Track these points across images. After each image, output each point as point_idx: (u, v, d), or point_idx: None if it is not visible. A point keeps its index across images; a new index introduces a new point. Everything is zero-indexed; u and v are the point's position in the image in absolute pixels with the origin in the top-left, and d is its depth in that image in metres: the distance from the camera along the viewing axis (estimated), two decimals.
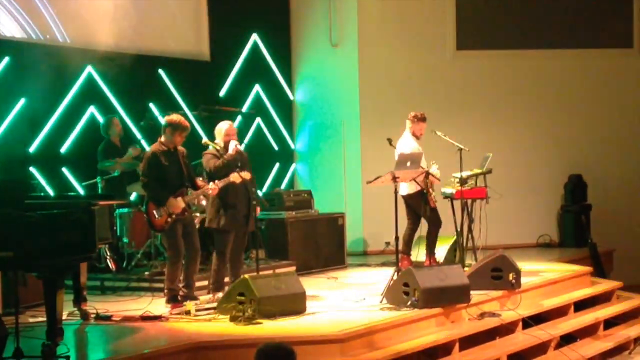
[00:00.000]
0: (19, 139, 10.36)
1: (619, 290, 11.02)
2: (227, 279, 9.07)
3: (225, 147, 8.97)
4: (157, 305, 8.70)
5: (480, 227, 10.32)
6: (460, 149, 10.13)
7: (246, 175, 8.83)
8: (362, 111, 13.74)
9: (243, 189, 8.94)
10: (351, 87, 13.80)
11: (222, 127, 9.09)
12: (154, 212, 8.50)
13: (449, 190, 10.50)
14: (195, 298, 8.68)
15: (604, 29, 14.21)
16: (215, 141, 9.08)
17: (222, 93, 13.02)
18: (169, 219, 8.48)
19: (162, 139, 8.66)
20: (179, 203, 8.52)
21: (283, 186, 13.76)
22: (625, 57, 14.23)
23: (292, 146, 14.28)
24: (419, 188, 10.15)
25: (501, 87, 14.00)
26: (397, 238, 9.22)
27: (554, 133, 14.06)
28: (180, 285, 8.68)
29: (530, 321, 8.95)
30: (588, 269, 11.16)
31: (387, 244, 12.70)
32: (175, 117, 8.73)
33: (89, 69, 11.13)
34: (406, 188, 10.21)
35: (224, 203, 8.88)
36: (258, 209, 9.25)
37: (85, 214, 7.04)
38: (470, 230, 10.41)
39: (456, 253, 10.65)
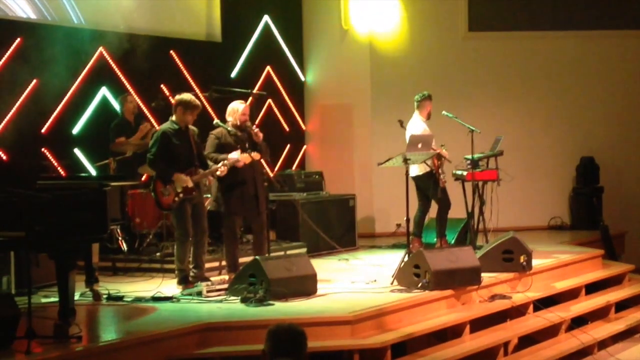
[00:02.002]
0: (31, 120, 10.38)
1: (630, 273, 11.01)
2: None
3: (240, 127, 8.96)
4: (169, 286, 8.74)
5: (492, 209, 10.31)
6: (472, 131, 10.11)
7: (255, 155, 8.83)
8: (373, 92, 13.71)
9: (249, 170, 8.91)
10: (362, 68, 13.76)
11: (238, 107, 9.06)
12: (161, 190, 8.51)
13: (460, 172, 10.49)
14: (206, 279, 8.71)
15: (618, 10, 14.09)
16: (228, 119, 9.07)
17: (233, 74, 13.00)
18: (177, 198, 8.48)
19: (173, 117, 8.67)
20: (187, 180, 8.51)
21: (294, 168, 13.75)
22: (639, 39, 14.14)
23: (303, 127, 14.27)
24: (427, 169, 10.15)
25: (513, 69, 13.94)
26: (407, 220, 9.22)
27: (566, 115, 14.00)
28: (190, 266, 8.72)
29: (540, 305, 8.94)
30: (599, 251, 11.13)
31: (398, 225, 12.69)
32: (186, 96, 8.73)
33: (101, 50, 11.13)
34: (415, 169, 10.21)
35: (228, 186, 8.87)
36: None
37: (97, 195, 7.06)
38: (481, 212, 10.40)
39: (467, 235, 10.65)
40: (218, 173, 8.70)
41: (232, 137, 8.93)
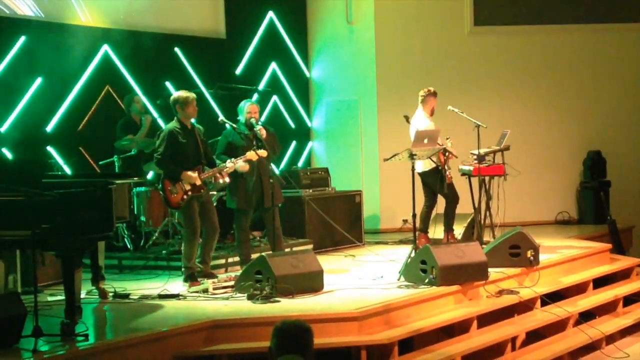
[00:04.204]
0: (36, 119, 10.37)
1: (638, 267, 10.97)
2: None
3: (247, 125, 9.07)
4: (175, 283, 8.74)
5: (498, 204, 10.28)
6: (478, 126, 10.08)
7: (262, 153, 8.87)
8: (379, 88, 13.68)
9: (256, 167, 8.96)
10: (368, 64, 13.74)
11: (244, 106, 9.23)
12: (170, 189, 8.54)
13: (466, 167, 10.46)
14: (212, 275, 8.73)
15: (623, 3, 14.04)
16: (238, 117, 9.14)
17: (238, 71, 12.98)
18: (185, 196, 8.53)
19: (178, 116, 8.69)
20: (195, 178, 8.54)
21: (300, 164, 13.74)
22: None
23: (309, 124, 14.25)
24: (433, 165, 10.12)
25: (519, 63, 13.89)
26: (414, 215, 9.20)
27: (572, 109, 13.95)
28: (197, 261, 8.74)
29: (548, 299, 8.92)
30: (607, 245, 11.10)
31: (405, 221, 12.67)
32: (176, 93, 8.83)
33: (105, 47, 11.11)
34: (421, 165, 10.19)
35: (235, 183, 9.02)
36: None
37: (103, 193, 7.06)
38: (488, 207, 10.37)
39: (474, 230, 10.61)
40: (225, 170, 8.73)
41: (240, 135, 9.02)
